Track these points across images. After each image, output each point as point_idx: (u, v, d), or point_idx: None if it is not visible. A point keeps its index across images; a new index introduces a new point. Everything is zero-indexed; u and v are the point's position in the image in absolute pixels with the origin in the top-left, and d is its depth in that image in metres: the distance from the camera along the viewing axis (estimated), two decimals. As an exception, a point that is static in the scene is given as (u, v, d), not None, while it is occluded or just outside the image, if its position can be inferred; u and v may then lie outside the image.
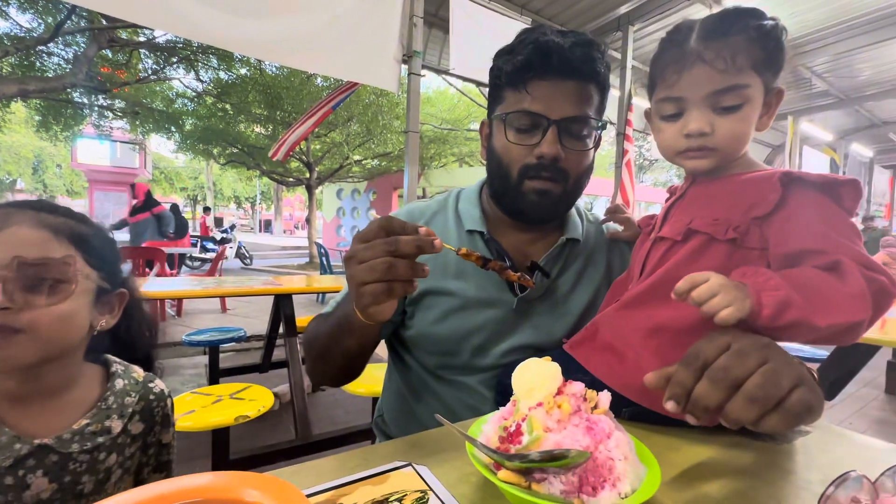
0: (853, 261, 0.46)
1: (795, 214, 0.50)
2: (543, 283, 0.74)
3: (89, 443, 0.52)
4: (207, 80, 7.72)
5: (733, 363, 0.39)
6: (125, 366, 0.62)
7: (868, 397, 3.21)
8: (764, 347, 0.41)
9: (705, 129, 0.55)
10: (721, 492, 0.44)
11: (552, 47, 0.66)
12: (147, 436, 0.60)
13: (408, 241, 0.47)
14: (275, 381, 2.69)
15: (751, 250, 0.52)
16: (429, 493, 0.41)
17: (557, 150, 0.67)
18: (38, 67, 6.22)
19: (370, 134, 8.78)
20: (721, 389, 0.39)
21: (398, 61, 2.74)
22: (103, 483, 0.55)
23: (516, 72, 0.69)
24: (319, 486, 0.42)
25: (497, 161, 0.73)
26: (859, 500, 0.39)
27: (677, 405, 0.41)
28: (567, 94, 0.68)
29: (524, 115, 0.68)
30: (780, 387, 0.38)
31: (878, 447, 0.55)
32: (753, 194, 0.53)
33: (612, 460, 0.37)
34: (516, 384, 0.42)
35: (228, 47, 2.31)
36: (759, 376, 0.38)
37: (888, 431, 2.63)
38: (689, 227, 0.56)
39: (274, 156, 4.11)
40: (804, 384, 0.39)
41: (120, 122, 8.43)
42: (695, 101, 0.55)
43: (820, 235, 0.48)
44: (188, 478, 0.30)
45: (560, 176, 0.70)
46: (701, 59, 0.53)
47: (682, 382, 0.41)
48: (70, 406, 0.54)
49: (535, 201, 0.71)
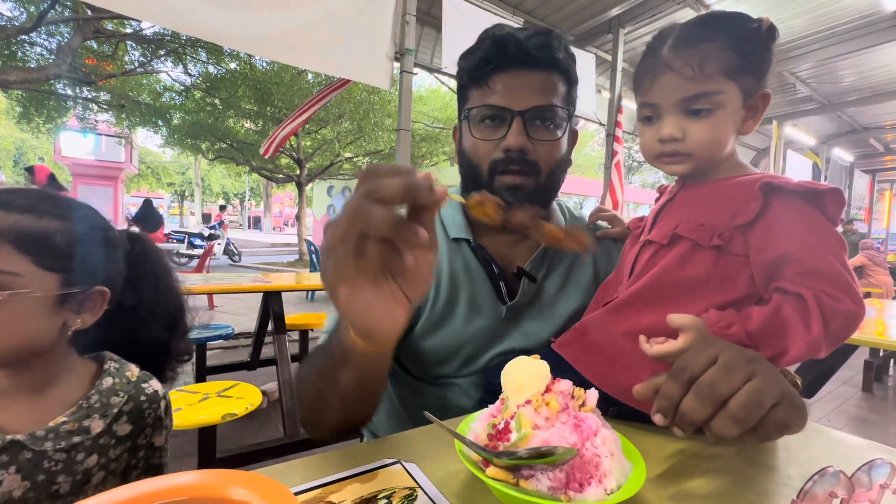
0: (828, 279, 0.48)
1: (776, 223, 0.51)
2: (531, 289, 0.73)
3: (64, 442, 0.51)
4: (196, 73, 7.60)
5: (720, 378, 0.40)
6: (120, 364, 0.59)
7: (846, 395, 3.29)
8: (751, 362, 0.41)
9: (676, 135, 0.56)
10: (704, 487, 0.45)
11: (509, 40, 0.66)
12: (136, 438, 0.58)
13: (392, 183, 0.32)
14: (263, 379, 2.66)
15: (735, 257, 0.53)
16: (417, 490, 0.41)
17: (524, 141, 0.66)
18: (19, 57, 6.06)
19: (361, 131, 8.73)
20: (707, 405, 0.39)
21: (390, 59, 2.73)
22: (82, 484, 0.53)
23: (477, 68, 0.68)
24: (308, 483, 0.41)
25: (467, 161, 0.72)
26: (836, 494, 0.40)
27: (665, 418, 0.42)
28: (529, 85, 0.67)
29: (488, 109, 0.68)
30: (762, 406, 0.39)
31: (855, 443, 0.57)
32: (737, 201, 0.53)
33: (598, 457, 0.37)
34: (505, 382, 0.42)
35: (218, 41, 2.27)
36: (744, 395, 0.39)
37: (865, 428, 2.70)
38: (674, 231, 0.57)
39: (266, 153, 4.07)
40: (786, 401, 0.40)
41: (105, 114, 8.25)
42: (666, 107, 0.57)
43: (799, 245, 0.49)
44: (174, 476, 0.29)
45: (531, 169, 0.68)
46: (669, 68, 0.55)
47: (670, 396, 0.42)
48: (52, 403, 0.52)
49: (508, 197, 0.68)
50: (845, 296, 0.48)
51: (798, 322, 0.47)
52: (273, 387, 2.54)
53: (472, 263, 0.73)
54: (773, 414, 0.39)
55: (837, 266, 0.49)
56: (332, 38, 2.45)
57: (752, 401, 0.39)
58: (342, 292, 0.36)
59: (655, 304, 0.56)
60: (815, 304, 0.47)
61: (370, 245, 0.33)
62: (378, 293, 0.37)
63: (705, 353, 0.42)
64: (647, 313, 0.56)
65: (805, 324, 0.47)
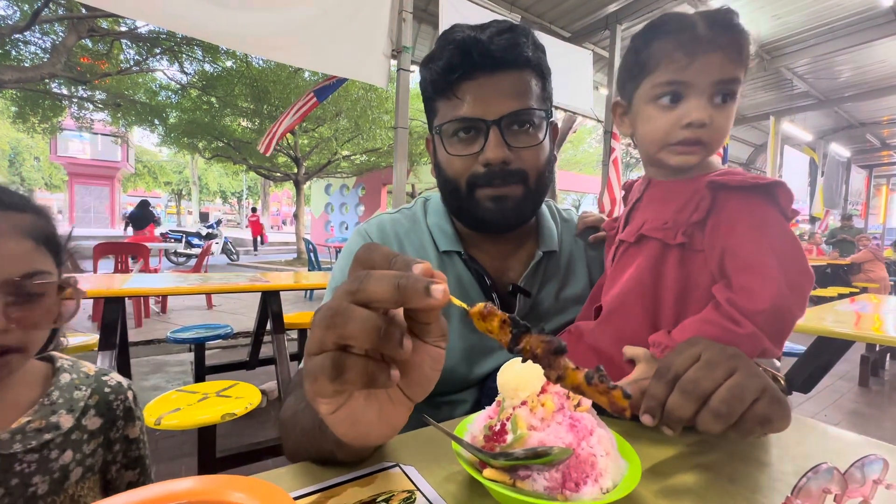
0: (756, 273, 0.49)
1: (721, 219, 0.52)
2: (526, 304, 0.70)
3: (34, 440, 0.50)
4: (192, 72, 7.56)
5: (702, 375, 0.41)
6: (73, 361, 0.59)
7: (842, 389, 3.31)
8: (731, 358, 0.42)
9: (706, 120, 0.53)
10: (699, 484, 0.45)
11: (471, 44, 0.60)
12: (109, 431, 0.58)
13: (380, 283, 0.26)
14: (262, 379, 2.67)
15: (698, 252, 0.54)
16: (416, 492, 0.41)
17: (504, 152, 0.61)
18: (14, 56, 6.02)
19: (359, 129, 8.70)
20: (692, 401, 0.40)
21: (387, 56, 2.72)
22: (61, 482, 0.52)
23: (441, 78, 0.63)
24: (307, 488, 0.42)
25: (444, 177, 0.67)
26: (830, 490, 0.41)
27: (653, 419, 0.43)
28: (501, 90, 0.61)
29: (459, 123, 0.63)
30: (743, 400, 0.40)
31: (850, 440, 0.57)
32: (695, 199, 0.54)
33: (594, 456, 0.37)
34: (501, 384, 0.42)
35: (214, 40, 2.26)
36: (725, 390, 0.40)
37: (861, 422, 2.72)
38: (640, 231, 0.58)
39: (265, 150, 4.08)
40: (766, 395, 0.41)
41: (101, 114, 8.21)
42: (702, 88, 0.53)
43: (738, 240, 0.51)
44: (172, 482, 0.30)
45: (516, 178, 0.63)
46: (717, 45, 0.52)
47: (656, 395, 0.42)
48: (9, 406, 0.51)
49: (493, 208, 0.64)
50: (770, 290, 0.48)
51: (722, 327, 0.49)
52: (272, 386, 2.54)
53: (464, 276, 0.71)
54: (754, 409, 0.40)
55: (769, 259, 0.49)
56: (329, 36, 2.44)
57: (732, 396, 0.39)
58: (322, 409, 0.30)
59: (638, 308, 0.57)
60: (729, 308, 0.49)
61: (350, 360, 0.26)
62: (370, 402, 0.32)
63: (688, 351, 0.43)
64: (632, 318, 0.57)
65: (734, 324, 0.48)
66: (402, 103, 2.95)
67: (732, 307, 0.49)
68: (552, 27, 5.10)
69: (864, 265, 6.39)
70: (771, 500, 0.42)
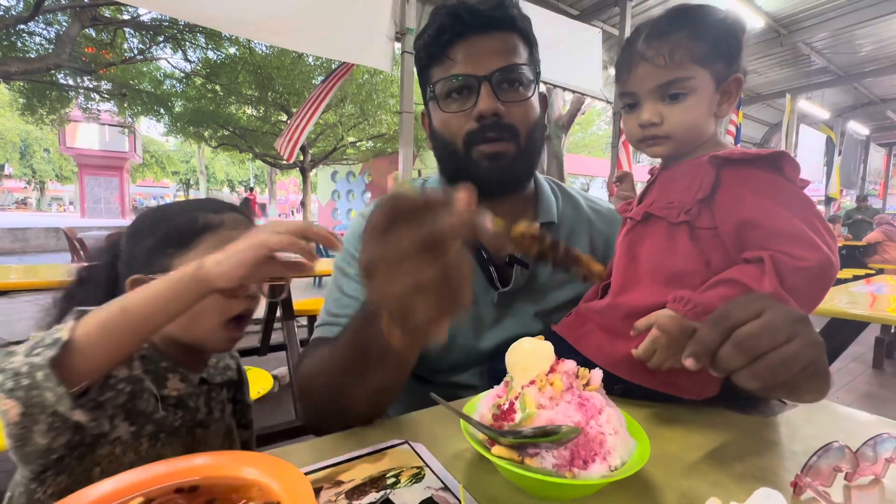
0: (785, 237, 0.50)
1: (730, 193, 0.54)
2: (524, 275, 0.71)
3: (219, 377, 0.65)
4: (196, 59, 7.52)
5: (762, 333, 0.39)
6: None
7: (856, 371, 3.28)
8: (795, 322, 0.40)
9: (654, 119, 0.60)
10: (708, 463, 0.45)
11: (461, 7, 0.65)
12: (237, 392, 0.72)
13: (461, 217, 0.32)
14: (273, 364, 2.71)
15: (705, 230, 0.56)
16: (425, 469, 0.42)
17: (496, 104, 0.65)
18: (19, 48, 6.03)
19: (364, 115, 8.64)
20: (743, 357, 0.39)
21: (391, 39, 2.67)
22: (221, 414, 0.66)
23: (434, 43, 0.67)
24: (318, 463, 0.43)
25: (441, 141, 0.70)
26: (840, 468, 0.41)
27: (697, 363, 0.41)
28: (491, 48, 0.66)
29: (453, 81, 0.66)
30: (791, 369, 0.39)
31: (862, 419, 0.57)
32: (699, 177, 0.57)
33: (602, 434, 0.37)
34: (510, 363, 0.42)
35: (216, 26, 2.24)
36: (777, 356, 0.38)
37: (875, 404, 2.70)
38: (647, 210, 0.61)
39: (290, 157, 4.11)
40: (812, 368, 0.40)
41: (107, 104, 8.23)
42: (644, 94, 0.61)
43: (755, 209, 0.52)
44: (187, 458, 0.30)
45: (508, 133, 0.67)
46: (643, 59, 0.59)
47: (706, 342, 0.41)
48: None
49: (489, 167, 0.67)
50: (806, 251, 0.49)
51: (749, 283, 0.49)
52: (283, 371, 2.59)
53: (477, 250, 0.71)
54: (794, 379, 0.39)
55: (795, 222, 0.50)
56: (331, 19, 2.40)
57: (783, 363, 0.38)
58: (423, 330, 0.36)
59: (649, 286, 0.58)
60: (771, 264, 0.49)
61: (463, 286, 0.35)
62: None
63: (752, 305, 0.41)
64: (643, 296, 0.58)
65: (758, 284, 0.49)
66: (407, 87, 2.91)
67: (773, 263, 0.49)
68: (559, 4, 4.96)
69: (881, 245, 6.25)
70: (780, 479, 0.42)
